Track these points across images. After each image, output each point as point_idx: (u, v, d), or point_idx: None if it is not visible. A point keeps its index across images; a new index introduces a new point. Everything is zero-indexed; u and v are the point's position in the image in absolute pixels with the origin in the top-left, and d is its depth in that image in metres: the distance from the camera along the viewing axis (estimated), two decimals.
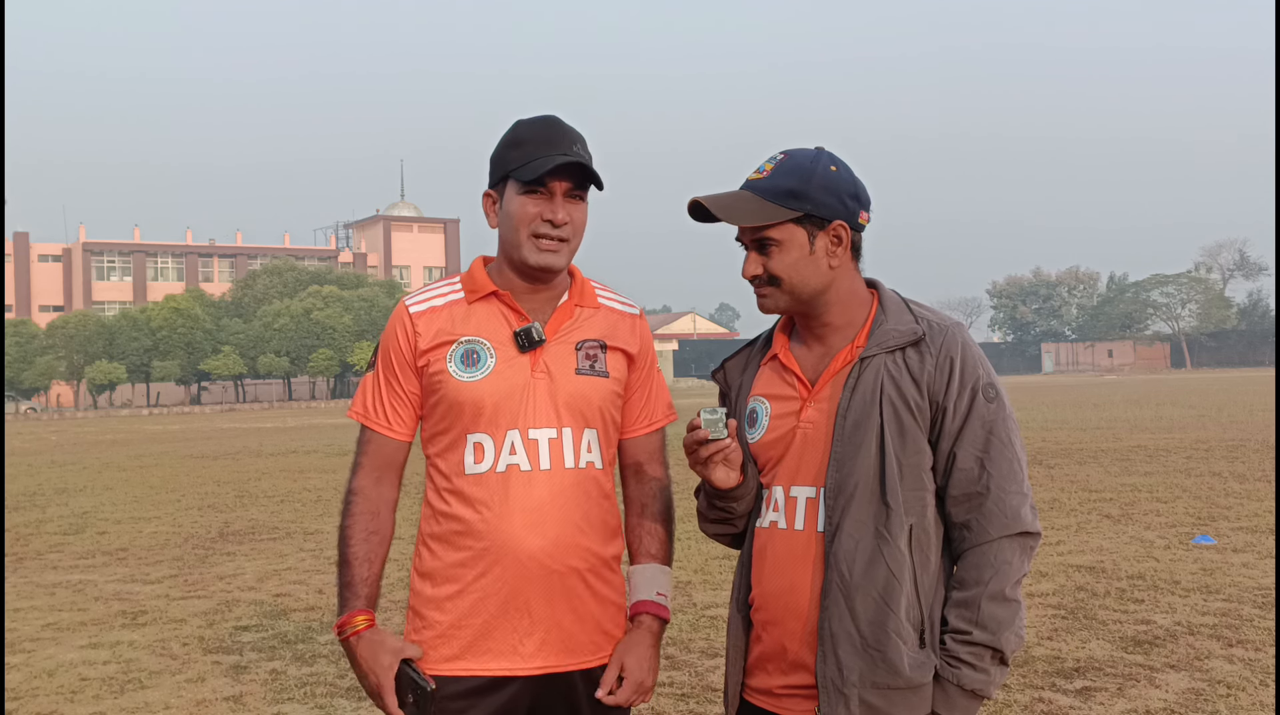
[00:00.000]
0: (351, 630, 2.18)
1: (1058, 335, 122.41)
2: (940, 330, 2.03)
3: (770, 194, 2.02)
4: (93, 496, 14.64)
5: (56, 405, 74.12)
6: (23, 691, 5.45)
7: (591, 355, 2.26)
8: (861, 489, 1.98)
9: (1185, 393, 40.02)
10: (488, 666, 2.16)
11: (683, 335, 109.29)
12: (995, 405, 2.01)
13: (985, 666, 1.95)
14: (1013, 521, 1.97)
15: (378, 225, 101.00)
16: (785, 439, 2.08)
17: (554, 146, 2.15)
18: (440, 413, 2.22)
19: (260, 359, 70.85)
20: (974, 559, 1.98)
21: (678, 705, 4.96)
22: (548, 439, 2.19)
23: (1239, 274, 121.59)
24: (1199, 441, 17.49)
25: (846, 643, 1.96)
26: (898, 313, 2.06)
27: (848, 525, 1.98)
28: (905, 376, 2.00)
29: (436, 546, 2.22)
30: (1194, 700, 4.80)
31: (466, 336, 2.21)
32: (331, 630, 6.52)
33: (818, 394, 2.06)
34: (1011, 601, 1.96)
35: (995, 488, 1.98)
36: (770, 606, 2.07)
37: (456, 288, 2.29)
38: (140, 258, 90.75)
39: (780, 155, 2.07)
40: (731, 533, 2.21)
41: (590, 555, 2.22)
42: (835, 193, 2.02)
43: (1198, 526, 9.30)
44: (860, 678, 1.94)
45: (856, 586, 1.96)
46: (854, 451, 1.99)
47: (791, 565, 2.05)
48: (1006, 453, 1.99)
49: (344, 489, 2.31)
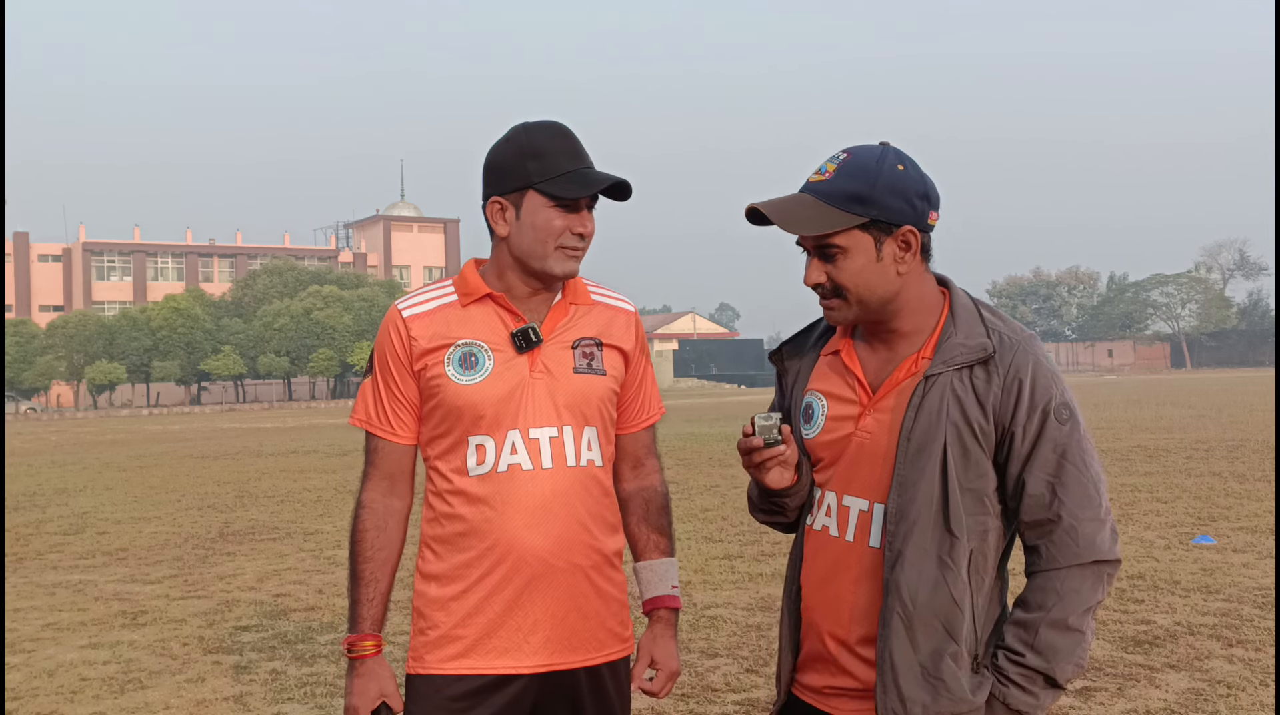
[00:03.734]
0: (359, 653, 2.22)
1: (1058, 335, 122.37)
2: (1011, 346, 1.92)
3: (833, 198, 1.91)
4: (93, 496, 14.64)
5: (56, 405, 74.11)
6: (23, 691, 5.45)
7: (588, 353, 2.27)
8: (924, 515, 1.90)
9: (1185, 393, 40.01)
10: (493, 665, 2.18)
11: (683, 335, 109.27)
12: (1068, 426, 1.90)
13: (1035, 690, 1.89)
14: (1085, 550, 1.89)
15: (378, 225, 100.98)
16: (841, 443, 2.01)
17: (579, 159, 2.19)
18: (439, 416, 2.22)
19: (260, 359, 70.85)
20: (1041, 583, 1.91)
21: (678, 705, 4.96)
22: (549, 438, 2.20)
23: (1239, 274, 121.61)
24: (1199, 441, 17.48)
25: (908, 674, 1.89)
26: (968, 324, 1.95)
27: (910, 552, 1.90)
28: (971, 397, 1.90)
29: (440, 548, 2.23)
30: (1194, 700, 4.80)
31: (464, 339, 2.22)
32: (332, 630, 6.52)
33: (878, 403, 1.97)
34: (1074, 631, 1.88)
35: (1067, 515, 1.89)
36: (818, 610, 2.03)
37: (449, 291, 2.29)
38: (140, 258, 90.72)
39: (843, 154, 1.95)
40: (784, 522, 2.16)
41: (593, 552, 2.24)
42: (903, 195, 1.90)
43: (1198, 526, 9.30)
44: (924, 710, 1.89)
45: (919, 617, 1.89)
46: (917, 476, 1.91)
47: (840, 575, 2.00)
48: (1081, 477, 1.90)
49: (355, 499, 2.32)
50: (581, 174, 2.18)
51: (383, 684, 2.21)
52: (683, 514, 10.96)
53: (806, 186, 1.96)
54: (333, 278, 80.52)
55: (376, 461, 2.28)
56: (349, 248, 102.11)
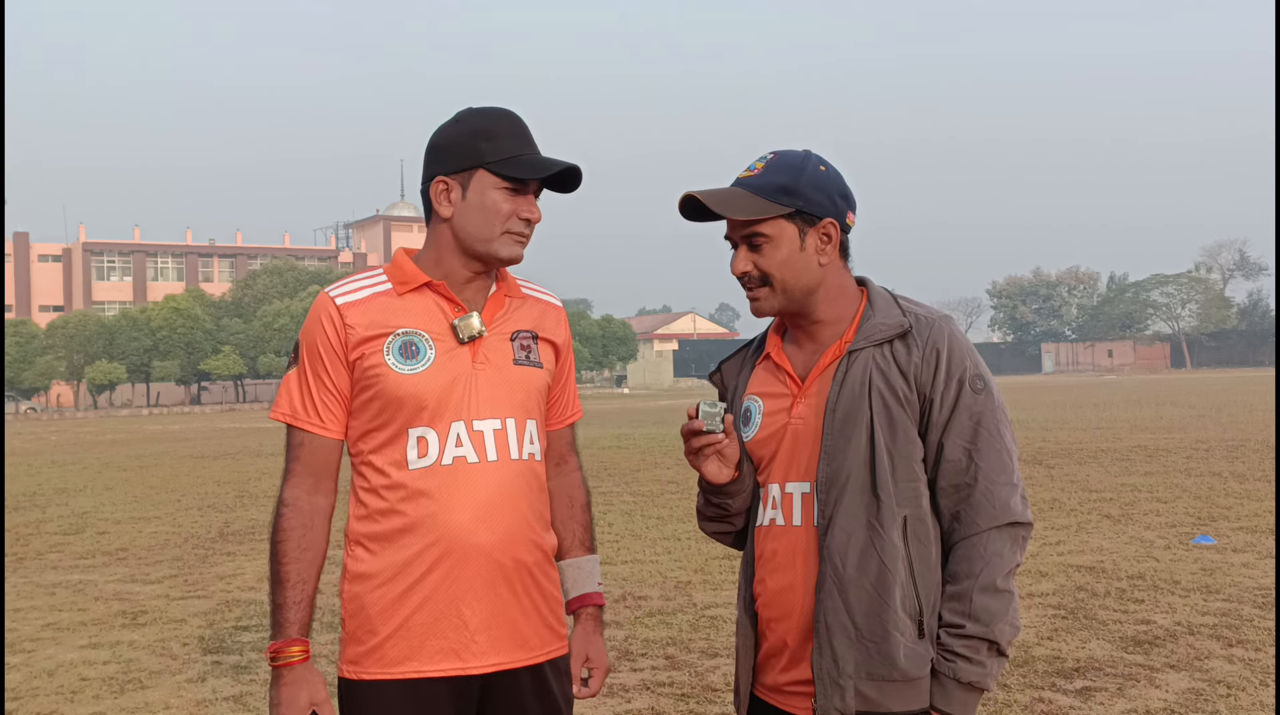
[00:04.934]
0: (285, 660, 2.10)
1: (1058, 335, 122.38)
2: (927, 323, 2.04)
3: (762, 190, 2.04)
4: (93, 496, 14.64)
5: (56, 405, 74.13)
6: (23, 691, 5.45)
7: (525, 346, 2.24)
8: (852, 482, 1.99)
9: (1185, 393, 40.02)
10: (439, 666, 2.11)
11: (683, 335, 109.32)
12: (983, 396, 2.01)
13: (981, 659, 1.95)
14: (1001, 512, 1.98)
15: (378, 225, 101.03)
16: (778, 436, 2.09)
17: (529, 144, 2.16)
18: (376, 408, 2.14)
19: (260, 359, 70.84)
20: (964, 551, 1.99)
21: (678, 705, 4.96)
22: (493, 430, 2.15)
23: (1239, 274, 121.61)
24: (1199, 441, 17.49)
25: (841, 635, 1.97)
26: (885, 307, 2.08)
27: (839, 518, 1.99)
28: (893, 368, 2.01)
29: (375, 546, 2.13)
30: (1194, 700, 4.80)
31: (403, 328, 2.14)
32: (332, 630, 6.52)
33: (808, 389, 2.08)
34: (1004, 592, 1.96)
35: (983, 478, 1.98)
36: (772, 603, 2.09)
37: (381, 279, 2.21)
38: (140, 258, 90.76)
39: (770, 154, 2.10)
40: (730, 531, 2.23)
41: (536, 548, 2.19)
42: (825, 191, 2.05)
43: (1198, 526, 9.30)
44: (856, 669, 1.96)
45: (850, 579, 1.97)
46: (844, 445, 2.00)
47: (790, 561, 2.06)
48: (995, 443, 2.00)
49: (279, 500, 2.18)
50: (533, 158, 2.15)
51: (313, 692, 2.11)
52: (682, 514, 10.96)
53: (737, 181, 2.10)
54: (333, 278, 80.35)
55: (301, 457, 2.17)
56: (349, 248, 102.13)
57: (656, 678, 5.38)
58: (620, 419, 32.64)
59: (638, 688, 5.23)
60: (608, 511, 11.31)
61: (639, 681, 5.33)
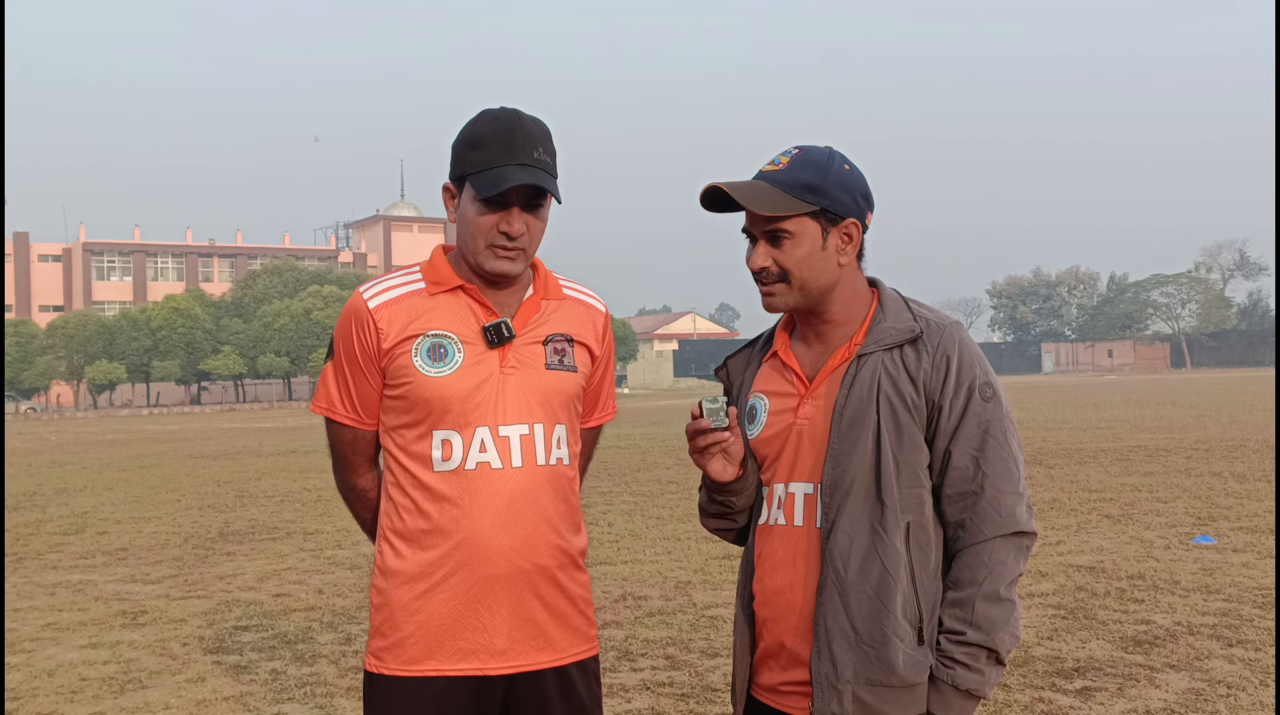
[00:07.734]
0: None
1: (1058, 335, 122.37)
2: (938, 329, 2.02)
3: (788, 186, 2.01)
4: (93, 496, 14.63)
5: (56, 405, 74.12)
6: (23, 691, 5.45)
7: (560, 350, 2.22)
8: (857, 486, 1.98)
9: (1185, 393, 40.01)
10: (459, 666, 2.13)
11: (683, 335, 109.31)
12: (992, 404, 2.01)
13: (980, 666, 1.95)
14: (1007, 521, 1.97)
15: (378, 225, 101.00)
16: (783, 435, 2.08)
17: (512, 154, 2.06)
18: (404, 407, 2.16)
19: (260, 359, 70.82)
20: (968, 559, 1.98)
21: (678, 705, 4.96)
22: (519, 436, 2.15)
23: (1239, 274, 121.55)
24: (1199, 441, 17.48)
25: (841, 639, 1.96)
26: (896, 311, 2.07)
27: (843, 522, 1.98)
28: (902, 374, 2.00)
29: (400, 545, 2.17)
30: (1194, 700, 4.80)
31: (433, 330, 2.14)
32: (332, 630, 6.51)
33: (815, 390, 2.06)
34: (1006, 601, 1.96)
35: (990, 487, 1.98)
36: (771, 603, 2.08)
37: (416, 278, 2.21)
38: (140, 258, 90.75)
39: (795, 150, 2.07)
40: (732, 528, 2.22)
41: (560, 552, 2.19)
42: (850, 191, 2.03)
43: (1198, 526, 9.30)
44: (854, 674, 1.95)
45: (851, 583, 1.96)
46: (850, 448, 1.99)
47: (790, 561, 2.05)
48: (1002, 452, 1.99)
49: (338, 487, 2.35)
50: (503, 172, 2.06)
51: None
52: (682, 514, 10.96)
53: (761, 175, 2.07)
54: (333, 278, 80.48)
55: (342, 448, 2.27)
56: (349, 248, 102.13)
57: (656, 678, 5.38)
58: (620, 419, 32.61)
59: (638, 688, 5.23)
60: (608, 511, 11.31)
61: (639, 681, 5.33)
